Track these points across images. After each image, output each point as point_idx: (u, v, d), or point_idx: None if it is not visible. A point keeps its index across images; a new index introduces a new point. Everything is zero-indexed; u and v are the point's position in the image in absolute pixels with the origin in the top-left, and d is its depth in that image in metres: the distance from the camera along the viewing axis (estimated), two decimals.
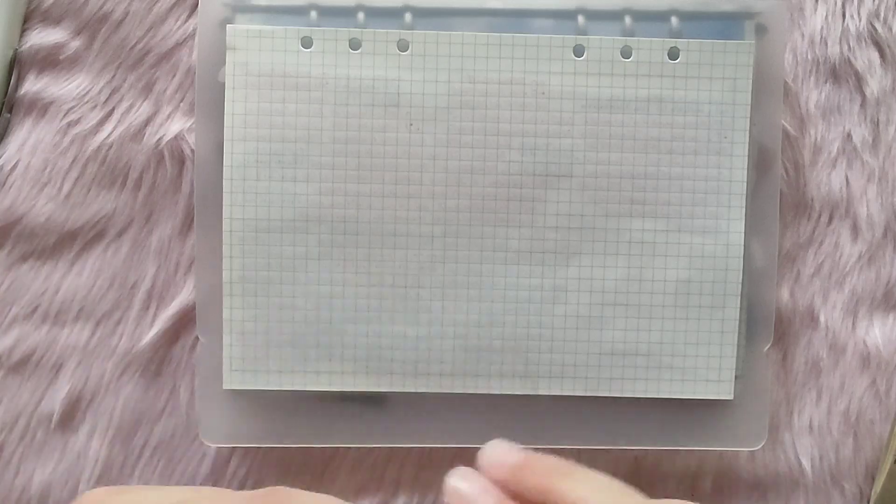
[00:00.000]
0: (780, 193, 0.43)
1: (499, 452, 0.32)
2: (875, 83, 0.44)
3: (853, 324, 0.45)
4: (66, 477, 0.44)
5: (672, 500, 0.32)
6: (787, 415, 0.45)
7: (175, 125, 0.44)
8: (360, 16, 0.42)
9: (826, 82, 0.44)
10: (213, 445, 0.44)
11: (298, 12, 0.42)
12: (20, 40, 0.44)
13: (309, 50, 0.41)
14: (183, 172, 0.44)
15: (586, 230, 0.42)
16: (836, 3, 0.44)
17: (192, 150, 0.43)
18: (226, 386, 0.42)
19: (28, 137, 0.44)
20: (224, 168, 0.41)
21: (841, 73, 0.44)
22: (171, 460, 0.44)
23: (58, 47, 0.44)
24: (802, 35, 0.44)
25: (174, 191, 0.44)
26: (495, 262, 0.42)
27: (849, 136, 0.44)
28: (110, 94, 0.44)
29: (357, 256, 0.42)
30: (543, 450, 0.45)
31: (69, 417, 0.44)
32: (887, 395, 0.45)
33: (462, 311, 0.42)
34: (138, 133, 0.44)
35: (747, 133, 0.42)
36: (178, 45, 0.44)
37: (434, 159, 0.42)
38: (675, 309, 0.42)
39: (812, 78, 0.44)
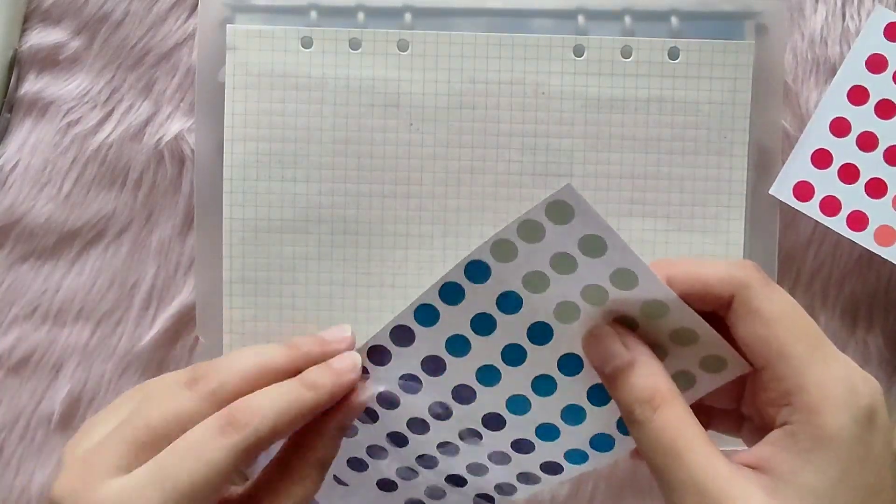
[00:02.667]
0: None
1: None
2: None
3: (853, 324, 0.45)
4: None
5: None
6: None
7: (175, 125, 0.44)
8: (360, 16, 0.42)
9: (826, 82, 0.44)
10: None
11: (298, 12, 0.42)
12: (20, 40, 0.44)
13: (309, 50, 0.41)
14: (183, 172, 0.44)
15: None
16: (836, 3, 0.44)
17: (192, 150, 0.43)
18: None
19: (28, 137, 0.44)
20: (224, 168, 0.41)
21: None
22: None
23: (58, 47, 0.44)
24: (802, 35, 0.44)
25: (174, 191, 0.44)
26: None
27: None
28: (110, 94, 0.44)
29: (357, 256, 0.42)
30: None
31: (69, 418, 0.44)
32: (887, 396, 0.45)
33: None
34: (138, 133, 0.44)
35: (747, 133, 0.42)
36: (178, 45, 0.44)
37: (434, 159, 0.42)
38: None
39: (812, 78, 0.44)
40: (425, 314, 0.33)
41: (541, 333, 0.33)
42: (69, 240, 0.44)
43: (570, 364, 0.33)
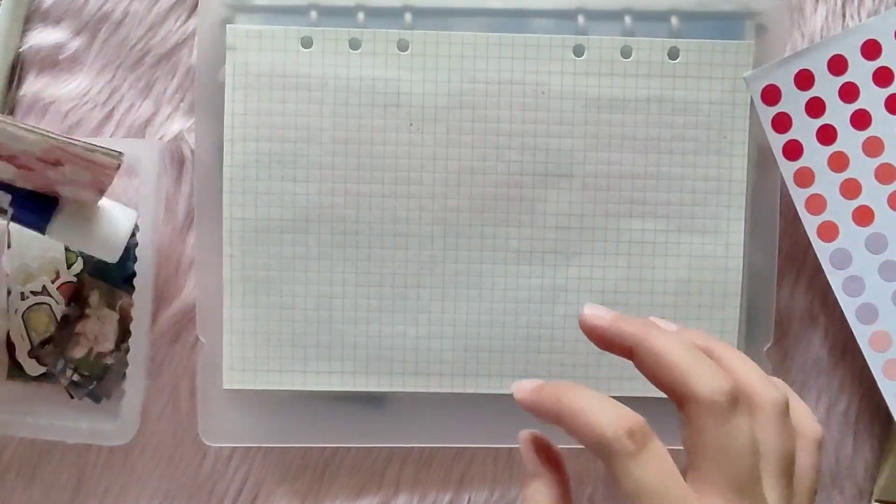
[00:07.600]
0: (780, 193, 0.43)
1: (598, 309, 0.32)
2: None
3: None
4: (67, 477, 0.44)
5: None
6: None
7: (175, 125, 0.44)
8: (360, 16, 0.42)
9: None
10: (213, 445, 0.44)
11: (298, 12, 0.42)
12: (21, 40, 0.44)
13: (309, 50, 0.41)
14: (183, 172, 0.44)
15: (586, 230, 0.42)
16: (836, 3, 0.44)
17: (192, 150, 0.43)
18: (226, 386, 0.42)
19: None
20: (224, 168, 0.41)
21: None
22: (172, 460, 0.44)
23: (58, 47, 0.44)
24: (802, 35, 0.44)
25: (174, 191, 0.44)
26: (495, 262, 0.42)
27: None
28: (110, 94, 0.44)
29: (357, 256, 0.42)
30: None
31: None
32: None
33: (462, 311, 0.42)
34: (138, 133, 0.44)
35: (747, 133, 0.42)
36: (178, 45, 0.44)
37: (434, 159, 0.42)
38: (675, 309, 0.42)
39: None
40: None
41: None
42: None
43: None
